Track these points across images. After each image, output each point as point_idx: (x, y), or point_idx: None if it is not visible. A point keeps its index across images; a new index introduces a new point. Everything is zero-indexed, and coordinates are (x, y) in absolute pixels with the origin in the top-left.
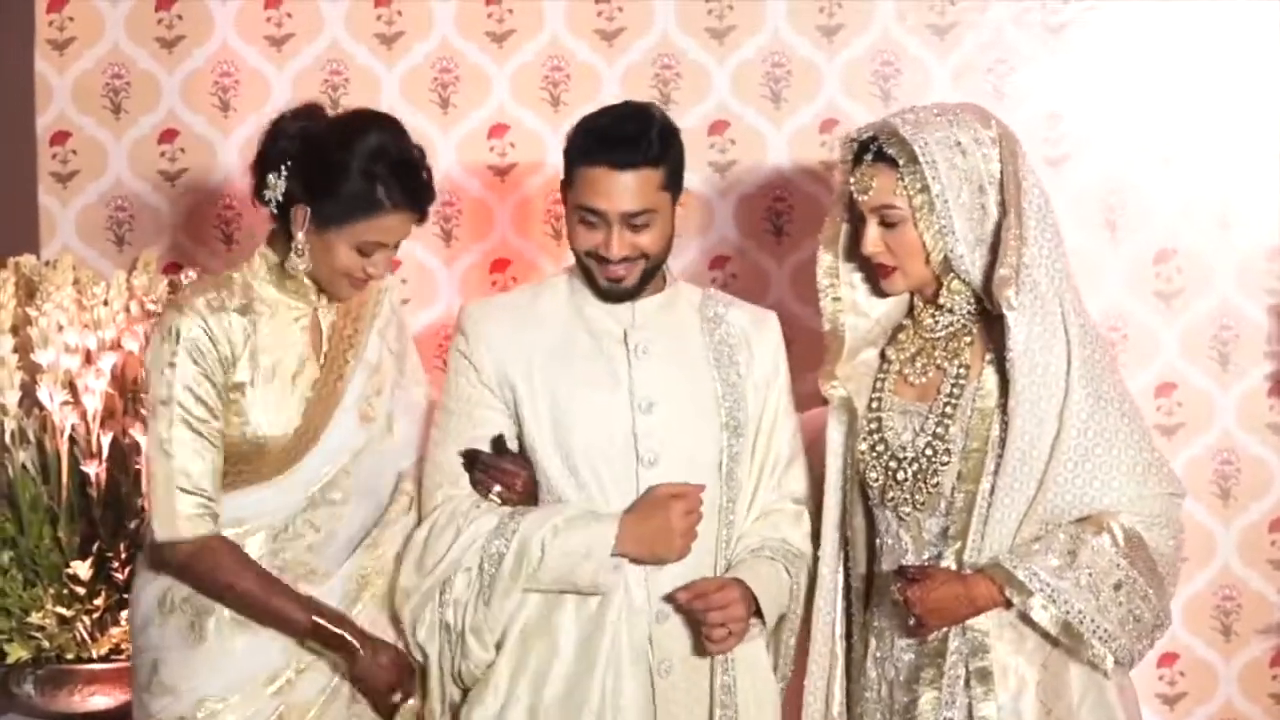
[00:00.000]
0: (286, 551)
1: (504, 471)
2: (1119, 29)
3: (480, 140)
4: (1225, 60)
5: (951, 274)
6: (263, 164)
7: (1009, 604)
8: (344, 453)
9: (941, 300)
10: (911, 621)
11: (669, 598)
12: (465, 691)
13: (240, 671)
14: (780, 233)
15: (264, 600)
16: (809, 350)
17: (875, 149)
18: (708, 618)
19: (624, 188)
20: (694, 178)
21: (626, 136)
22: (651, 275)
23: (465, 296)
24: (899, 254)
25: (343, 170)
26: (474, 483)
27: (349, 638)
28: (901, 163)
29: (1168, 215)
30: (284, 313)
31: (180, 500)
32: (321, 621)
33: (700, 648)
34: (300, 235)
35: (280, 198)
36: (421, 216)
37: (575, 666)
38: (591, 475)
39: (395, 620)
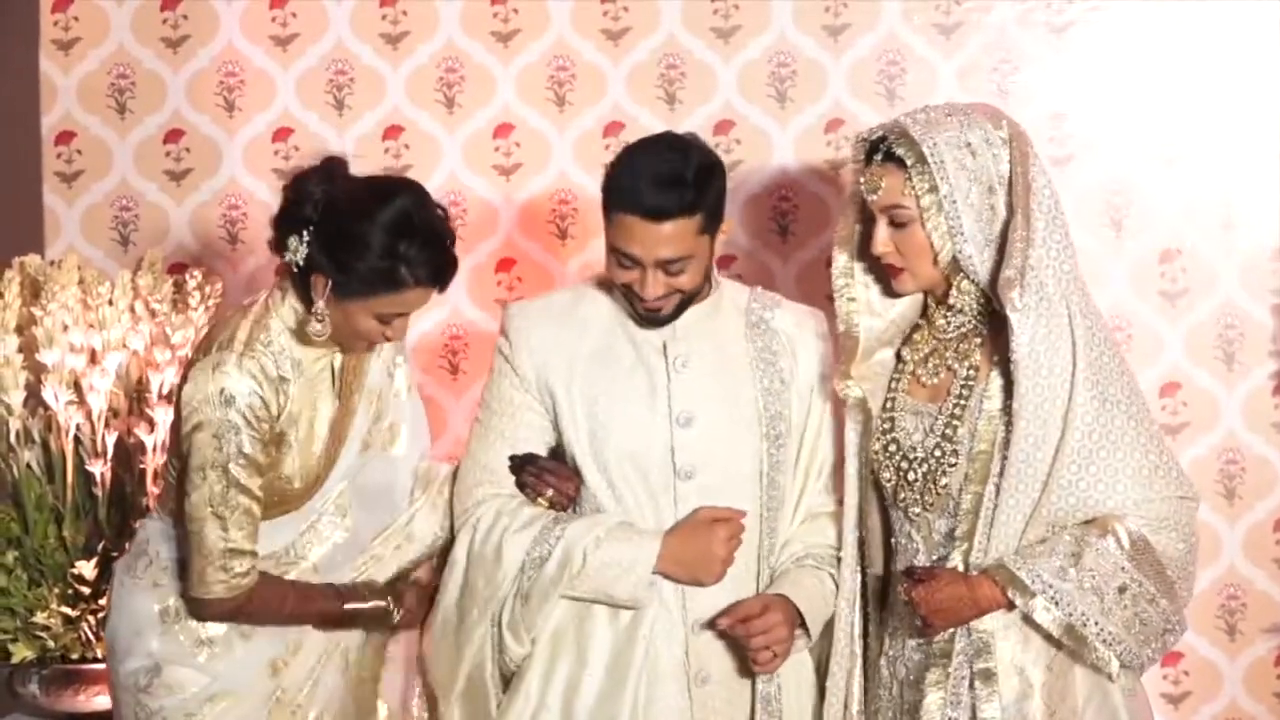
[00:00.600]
0: (290, 573)
1: (559, 476)
2: (1123, 29)
3: (485, 140)
4: (1229, 61)
5: (960, 274)
6: (283, 222)
7: (1012, 605)
8: (344, 479)
9: (951, 300)
10: (918, 622)
11: (711, 623)
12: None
13: (244, 664)
14: (785, 232)
15: (307, 611)
16: None
17: (885, 149)
18: (751, 642)
19: (658, 238)
20: None
21: (661, 184)
22: (690, 302)
23: (470, 297)
24: (908, 254)
25: (365, 246)
26: (522, 485)
27: (379, 605)
28: (910, 163)
29: (1172, 215)
30: (309, 365)
31: (231, 563)
32: (352, 606)
33: (740, 657)
34: (320, 304)
35: (300, 262)
36: (442, 288)
37: (606, 679)
38: (627, 487)
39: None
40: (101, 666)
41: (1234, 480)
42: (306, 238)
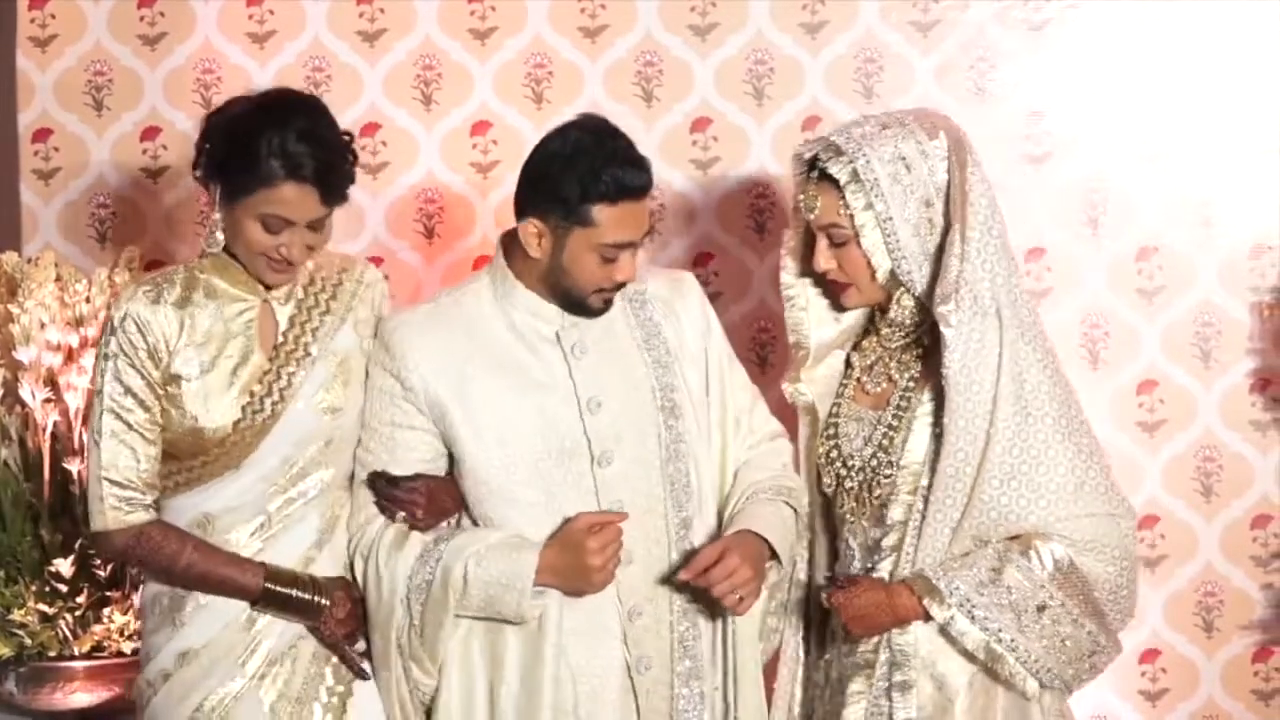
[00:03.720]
0: (279, 544)
1: (397, 500)
2: (1101, 27)
3: (463, 138)
4: (1208, 58)
5: (901, 288)
6: (199, 164)
7: (929, 616)
8: (307, 443)
9: (891, 314)
10: (841, 629)
11: (673, 582)
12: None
13: (218, 619)
14: (763, 230)
15: (210, 570)
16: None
17: (819, 167)
18: (714, 591)
19: (642, 215)
20: (677, 175)
21: (633, 163)
22: None
23: None
24: (849, 271)
25: (240, 144)
26: (380, 508)
27: (303, 596)
28: (843, 181)
29: (1149, 213)
30: (229, 305)
31: (107, 491)
32: (272, 586)
33: (670, 638)
34: (216, 215)
35: (203, 181)
36: (323, 194)
37: (521, 690)
38: (546, 481)
39: None
40: (79, 664)
41: (1211, 478)
42: (203, 157)
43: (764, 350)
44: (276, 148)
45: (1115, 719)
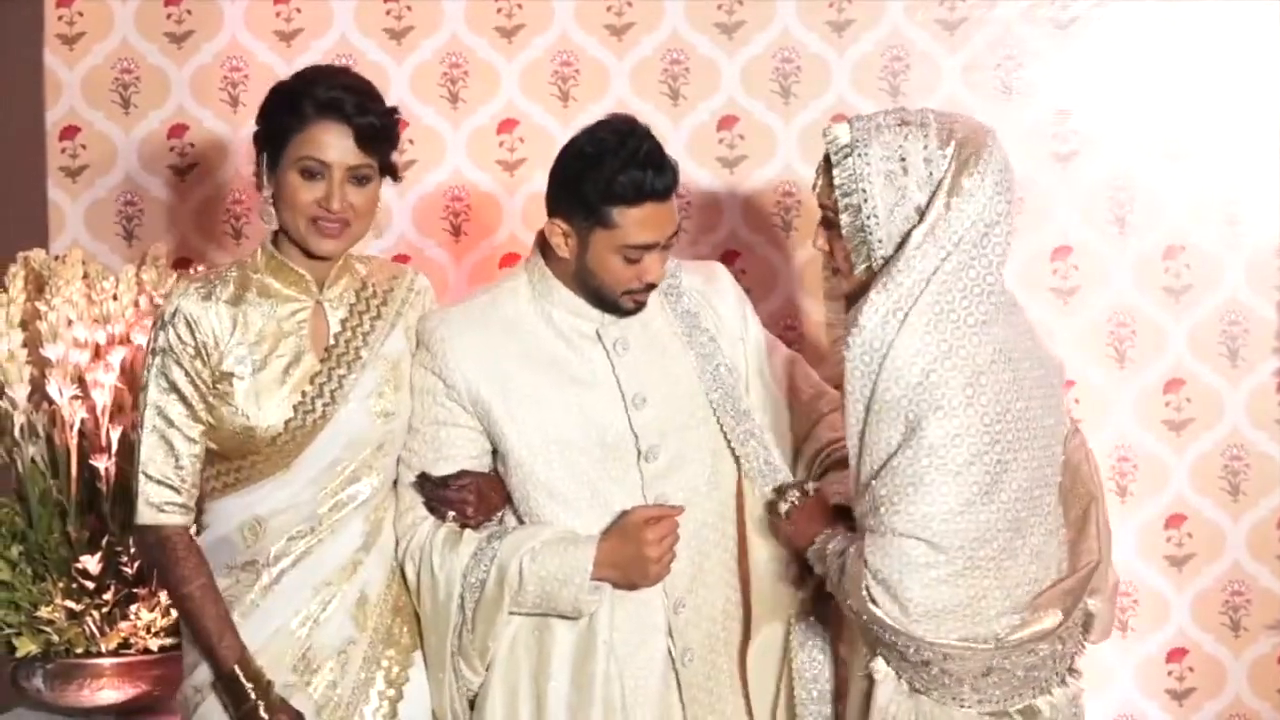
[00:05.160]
0: (326, 549)
1: (447, 499)
2: (1128, 25)
3: (489, 135)
4: (1234, 57)
5: None
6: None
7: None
8: (358, 447)
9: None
10: None
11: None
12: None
13: (268, 624)
14: (789, 228)
15: (200, 615)
16: (819, 346)
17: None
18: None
19: (667, 216)
20: (703, 173)
21: (655, 164)
22: None
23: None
24: (837, 255)
25: (275, 105)
26: (429, 508)
27: (253, 699)
28: (836, 166)
29: (1176, 211)
30: (282, 306)
31: (144, 487)
32: (238, 672)
33: (715, 632)
34: (266, 191)
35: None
36: (357, 132)
37: (572, 689)
38: (590, 476)
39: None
40: (106, 661)
41: (1238, 477)
42: (257, 148)
43: (790, 348)
44: (314, 93)
45: (1142, 718)
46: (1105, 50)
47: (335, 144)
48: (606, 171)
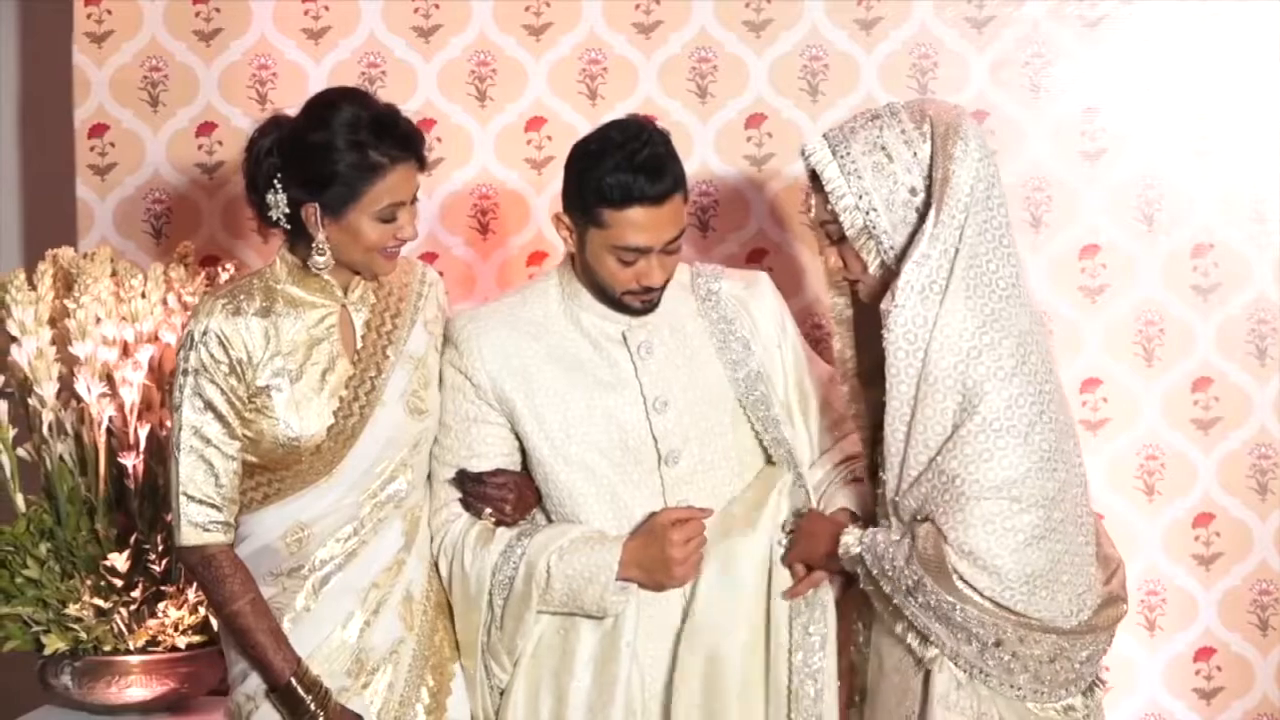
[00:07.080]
0: (369, 550)
1: (485, 496)
2: (1156, 23)
3: (517, 133)
4: (1262, 55)
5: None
6: (255, 190)
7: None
8: (395, 447)
9: (883, 305)
10: None
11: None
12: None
13: (319, 631)
14: None
15: (253, 630)
16: None
17: (809, 169)
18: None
19: (663, 220)
20: (731, 171)
21: (651, 168)
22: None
23: (503, 290)
24: (850, 265)
25: (330, 150)
26: (465, 505)
27: (312, 709)
28: (827, 176)
29: (1205, 209)
30: (310, 313)
31: (186, 508)
32: (295, 684)
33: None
34: (320, 235)
35: (287, 210)
36: (421, 163)
37: (594, 689)
38: (611, 479)
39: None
40: (134, 658)
41: (1266, 475)
42: (279, 185)
43: (817, 347)
44: (367, 140)
45: (1169, 717)
46: (1133, 48)
47: (407, 183)
48: (600, 171)
